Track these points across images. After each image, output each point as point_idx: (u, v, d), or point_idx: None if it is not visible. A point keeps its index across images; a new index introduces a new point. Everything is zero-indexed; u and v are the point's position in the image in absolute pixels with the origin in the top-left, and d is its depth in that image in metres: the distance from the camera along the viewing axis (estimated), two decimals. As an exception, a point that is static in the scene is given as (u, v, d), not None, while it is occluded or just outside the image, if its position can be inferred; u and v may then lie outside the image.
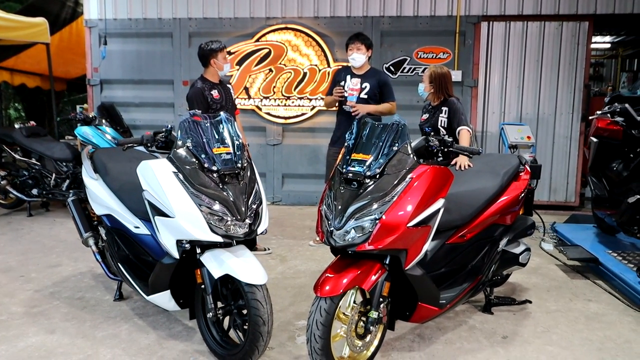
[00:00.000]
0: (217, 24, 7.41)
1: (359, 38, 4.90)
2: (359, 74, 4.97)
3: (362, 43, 4.87)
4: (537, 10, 6.88)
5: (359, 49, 4.86)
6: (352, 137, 2.87)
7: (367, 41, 4.92)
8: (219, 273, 2.72)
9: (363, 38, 4.91)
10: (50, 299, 3.85)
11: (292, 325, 3.42)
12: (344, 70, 5.14)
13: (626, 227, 4.31)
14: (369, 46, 4.94)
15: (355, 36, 4.93)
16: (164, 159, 2.90)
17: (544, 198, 7.14)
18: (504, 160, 3.70)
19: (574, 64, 6.95)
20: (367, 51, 4.91)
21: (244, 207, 2.80)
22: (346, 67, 5.17)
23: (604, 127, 4.81)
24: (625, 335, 3.31)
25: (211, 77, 4.73)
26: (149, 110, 7.71)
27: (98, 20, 7.64)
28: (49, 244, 5.33)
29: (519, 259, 3.50)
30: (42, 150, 6.55)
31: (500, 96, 7.14)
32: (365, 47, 4.89)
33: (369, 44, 4.95)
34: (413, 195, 2.60)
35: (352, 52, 4.89)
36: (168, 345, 3.14)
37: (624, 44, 10.93)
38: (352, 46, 4.90)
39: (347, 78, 4.97)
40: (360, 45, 4.86)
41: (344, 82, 4.97)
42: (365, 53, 4.88)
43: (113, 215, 3.46)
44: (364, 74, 4.94)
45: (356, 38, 4.90)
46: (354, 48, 4.88)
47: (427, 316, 2.97)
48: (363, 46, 4.87)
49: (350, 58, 4.92)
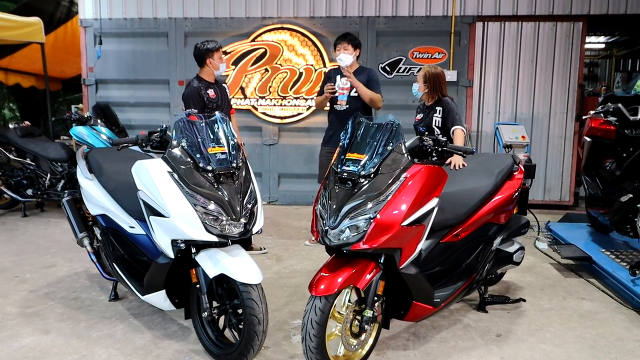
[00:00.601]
0: (212, 23, 7.41)
1: (346, 38, 4.94)
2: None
3: (348, 43, 4.91)
4: (532, 11, 6.91)
5: (345, 49, 4.90)
6: (346, 136, 2.88)
7: (354, 41, 4.96)
8: (214, 272, 2.73)
9: (350, 38, 4.95)
10: (45, 300, 3.85)
11: (288, 324, 3.43)
12: (335, 70, 5.22)
13: (619, 226, 4.34)
14: (357, 46, 4.98)
15: (342, 36, 4.98)
16: (159, 159, 2.90)
17: (538, 197, 7.17)
18: (498, 159, 3.72)
19: (568, 64, 6.99)
20: (355, 51, 4.95)
21: (239, 207, 2.80)
22: (337, 67, 5.23)
23: (597, 127, 4.84)
24: (617, 333, 3.33)
25: (207, 77, 4.74)
26: (145, 110, 7.70)
27: (93, 19, 7.63)
28: (43, 245, 5.32)
29: (513, 257, 3.52)
30: (37, 150, 6.53)
31: (495, 96, 7.17)
32: (353, 47, 4.93)
33: (357, 43, 4.99)
34: (407, 194, 2.62)
35: (339, 52, 4.94)
36: (163, 345, 3.15)
37: (618, 44, 10.98)
38: (339, 46, 4.94)
39: (337, 78, 5.03)
40: (347, 46, 4.90)
41: (335, 81, 5.03)
42: (352, 53, 4.92)
43: (108, 215, 3.46)
44: (354, 73, 4.98)
45: (343, 38, 4.95)
46: (341, 48, 4.92)
47: (422, 315, 2.99)
48: (350, 46, 4.91)
49: (337, 58, 4.96)
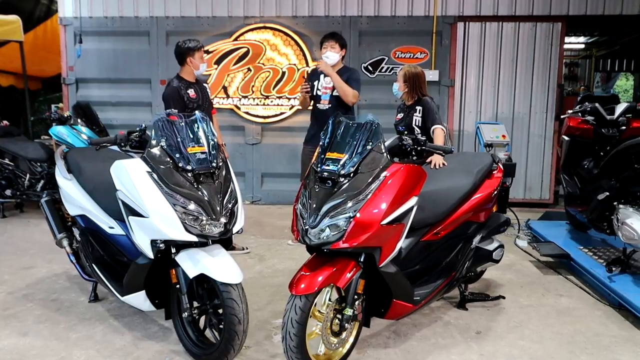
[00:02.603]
0: (194, 22, 7.37)
1: (334, 37, 4.95)
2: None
3: (336, 42, 4.93)
4: (512, 11, 6.98)
5: (333, 47, 4.91)
6: (326, 136, 2.89)
7: (341, 41, 4.98)
8: (194, 272, 2.72)
9: (338, 37, 4.97)
10: (24, 301, 3.80)
11: (270, 324, 3.43)
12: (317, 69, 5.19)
13: (596, 224, 4.40)
14: (343, 46, 5.00)
15: (330, 35, 4.98)
16: (138, 159, 2.88)
17: (519, 195, 7.24)
18: (477, 158, 3.76)
19: (547, 64, 7.06)
20: (341, 50, 4.97)
21: (219, 207, 2.80)
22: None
23: (575, 126, 4.91)
24: (594, 329, 3.39)
25: (187, 76, 4.70)
26: (126, 110, 7.62)
27: (73, 18, 7.53)
28: (22, 246, 5.25)
29: (493, 255, 3.56)
30: (16, 150, 6.45)
31: (476, 95, 7.23)
32: (340, 46, 4.94)
33: (343, 43, 5.00)
34: (387, 193, 2.64)
35: (326, 50, 4.94)
36: (144, 345, 3.13)
37: (597, 44, 11.15)
38: (326, 44, 4.95)
39: (320, 77, 5.03)
40: (335, 44, 4.92)
41: (318, 80, 5.03)
42: (339, 52, 4.94)
43: (87, 215, 3.43)
44: (337, 72, 4.98)
45: (331, 37, 4.96)
46: (328, 46, 4.93)
47: (402, 313, 3.01)
48: (337, 45, 4.93)
49: (323, 56, 4.96)
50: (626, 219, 3.76)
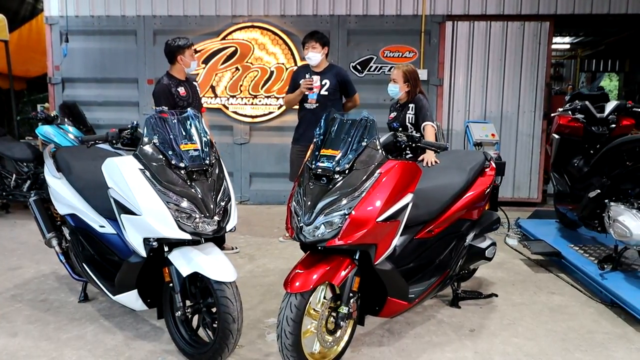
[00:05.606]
0: (182, 21, 7.31)
1: (314, 37, 4.95)
2: (317, 71, 5.05)
3: (316, 42, 4.93)
4: (500, 10, 7.01)
5: (314, 48, 4.92)
6: (320, 132, 2.87)
7: (322, 39, 4.98)
8: (188, 271, 2.69)
9: (318, 36, 4.96)
10: (12, 302, 3.74)
11: (262, 323, 3.40)
12: (303, 68, 5.24)
13: (587, 221, 4.42)
14: (325, 44, 5.00)
15: (309, 35, 4.98)
16: (130, 156, 2.84)
17: (507, 194, 7.28)
18: (470, 156, 3.77)
19: (535, 63, 7.11)
20: (323, 49, 4.98)
21: (213, 204, 2.77)
22: (305, 65, 5.26)
23: (566, 124, 4.94)
24: (587, 326, 3.41)
25: (177, 74, 4.67)
26: (113, 109, 7.53)
27: (59, 17, 7.44)
28: (9, 247, 5.17)
29: (485, 253, 3.57)
30: (1, 150, 6.35)
31: (465, 95, 7.26)
32: (321, 45, 4.95)
33: (325, 41, 5.01)
34: (382, 190, 2.63)
35: (307, 51, 4.96)
36: (135, 345, 3.09)
37: (583, 44, 11.27)
38: (307, 45, 4.96)
39: (306, 76, 5.03)
40: (315, 44, 4.92)
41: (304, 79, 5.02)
42: (320, 51, 4.95)
43: (77, 214, 3.38)
44: (323, 71, 5.02)
45: (311, 37, 4.96)
46: (309, 47, 4.94)
47: (397, 311, 3.01)
48: (318, 44, 4.93)
49: (306, 57, 5.00)
50: (618, 216, 3.77)
